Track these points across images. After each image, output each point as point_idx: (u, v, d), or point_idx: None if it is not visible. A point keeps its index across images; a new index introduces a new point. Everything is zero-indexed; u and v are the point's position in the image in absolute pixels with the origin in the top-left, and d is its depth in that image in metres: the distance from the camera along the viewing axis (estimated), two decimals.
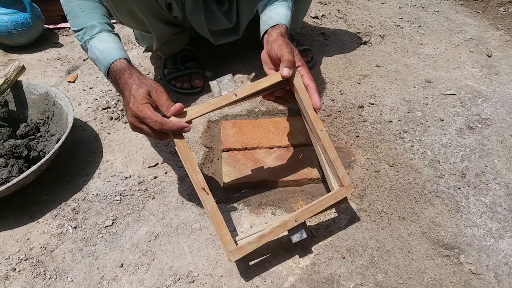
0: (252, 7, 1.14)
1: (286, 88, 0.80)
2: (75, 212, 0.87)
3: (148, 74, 1.32)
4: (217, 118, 1.12)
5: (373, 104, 1.19)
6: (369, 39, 1.51)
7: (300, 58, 0.78)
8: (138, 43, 1.37)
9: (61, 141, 0.87)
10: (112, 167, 0.98)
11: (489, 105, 1.20)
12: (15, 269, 0.76)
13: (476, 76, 1.34)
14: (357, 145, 1.04)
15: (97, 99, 1.19)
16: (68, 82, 1.27)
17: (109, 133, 1.07)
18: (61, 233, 0.83)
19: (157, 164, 0.98)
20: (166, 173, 0.96)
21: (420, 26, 1.65)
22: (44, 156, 0.91)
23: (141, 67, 1.36)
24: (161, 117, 0.68)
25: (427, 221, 0.86)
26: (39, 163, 0.82)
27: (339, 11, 1.74)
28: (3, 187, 0.78)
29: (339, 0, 1.84)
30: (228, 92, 0.74)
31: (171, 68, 1.24)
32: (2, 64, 1.36)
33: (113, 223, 0.85)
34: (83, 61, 1.38)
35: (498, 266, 0.78)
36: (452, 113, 1.16)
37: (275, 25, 0.84)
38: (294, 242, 0.76)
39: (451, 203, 0.90)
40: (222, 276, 0.75)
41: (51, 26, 1.56)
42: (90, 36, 0.82)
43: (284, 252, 0.79)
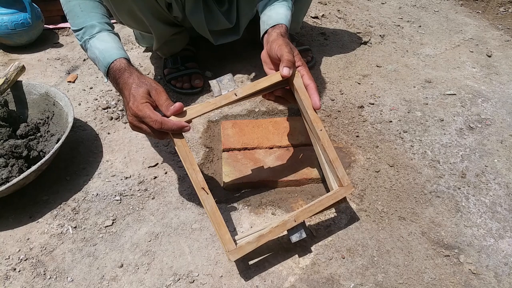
0: (252, 7, 1.14)
1: (286, 87, 0.80)
2: (75, 212, 0.87)
3: (148, 74, 1.32)
4: (217, 118, 1.12)
5: (373, 104, 1.19)
6: (369, 39, 1.51)
7: (300, 58, 0.78)
8: (138, 43, 1.37)
9: (61, 141, 0.87)
10: (112, 167, 0.98)
11: (489, 105, 1.20)
12: (15, 269, 0.76)
13: (476, 76, 1.34)
14: (357, 145, 1.04)
15: (97, 99, 1.19)
16: (68, 82, 1.27)
17: (109, 133, 1.07)
18: (61, 233, 0.83)
19: (157, 164, 0.98)
20: (166, 173, 0.96)
21: (420, 26, 1.65)
22: (44, 156, 0.91)
23: (141, 67, 1.36)
24: (160, 117, 0.68)
25: (427, 221, 0.86)
26: (39, 163, 0.82)
27: (339, 11, 1.74)
28: (3, 187, 0.78)
29: (339, 0, 1.84)
30: (228, 92, 0.74)
31: (171, 68, 1.24)
32: (2, 64, 1.36)
33: (113, 223, 0.85)
34: (83, 61, 1.38)
35: (498, 266, 0.78)
36: (452, 113, 1.16)
37: (275, 25, 0.84)
38: (294, 242, 0.76)
39: (451, 203, 0.90)
40: (222, 276, 0.75)
41: (51, 26, 1.56)
42: (90, 35, 0.82)
43: (284, 252, 0.79)
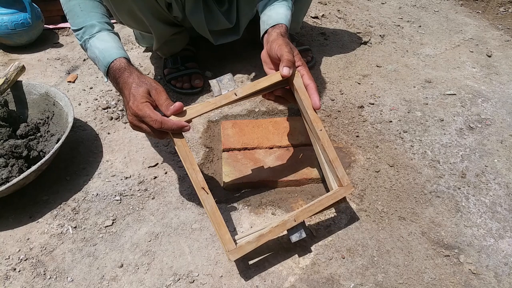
0: (252, 7, 1.14)
1: (286, 87, 0.80)
2: (75, 212, 0.87)
3: (148, 74, 1.32)
4: (217, 118, 1.12)
5: (373, 104, 1.19)
6: (369, 39, 1.51)
7: (300, 57, 0.78)
8: (138, 43, 1.37)
9: (61, 141, 0.87)
10: (112, 167, 0.98)
11: (489, 105, 1.20)
12: (15, 269, 0.76)
13: (476, 76, 1.34)
14: (357, 145, 1.04)
15: (97, 99, 1.19)
16: (68, 82, 1.27)
17: (109, 133, 1.07)
18: (61, 233, 0.83)
19: (157, 164, 0.98)
20: (166, 173, 0.96)
21: (420, 26, 1.65)
22: (44, 156, 0.91)
23: (141, 67, 1.36)
24: (160, 116, 0.68)
25: (427, 221, 0.86)
26: (39, 163, 0.82)
27: (339, 11, 1.74)
28: (3, 187, 0.78)
29: (339, 0, 1.84)
30: (228, 92, 0.74)
31: (171, 68, 1.24)
32: (2, 64, 1.36)
33: (113, 223, 0.85)
34: (83, 61, 1.38)
35: (498, 266, 0.78)
36: (452, 113, 1.16)
37: (275, 25, 0.84)
38: (293, 242, 0.76)
39: (451, 203, 0.90)
40: (222, 276, 0.75)
41: (51, 26, 1.56)
42: (89, 35, 0.82)
43: (284, 252, 0.79)
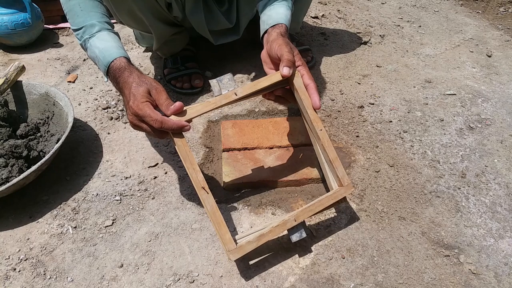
0: (252, 7, 1.14)
1: (286, 87, 0.80)
2: (75, 212, 0.87)
3: (148, 74, 1.32)
4: (217, 118, 1.12)
5: (373, 104, 1.19)
6: (369, 39, 1.51)
7: (300, 57, 0.78)
8: (138, 43, 1.37)
9: (61, 141, 0.87)
10: (112, 167, 0.98)
11: (489, 105, 1.20)
12: (15, 269, 0.76)
13: (476, 76, 1.34)
14: (357, 145, 1.04)
15: (97, 99, 1.19)
16: (68, 82, 1.27)
17: (109, 133, 1.07)
18: (61, 233, 0.83)
19: (157, 164, 0.98)
20: (166, 173, 0.96)
21: (420, 26, 1.65)
22: (44, 156, 0.91)
23: (141, 67, 1.36)
24: (161, 116, 0.68)
25: (427, 221, 0.86)
26: (39, 163, 0.82)
27: (339, 11, 1.74)
28: (3, 187, 0.78)
29: (339, 0, 1.84)
30: (228, 91, 0.74)
31: (171, 68, 1.24)
32: (2, 64, 1.36)
33: (113, 223, 0.85)
34: (83, 61, 1.38)
35: (498, 266, 0.78)
36: (452, 113, 1.16)
37: (275, 24, 0.84)
38: (294, 242, 0.76)
39: (451, 203, 0.90)
40: (222, 276, 0.75)
41: (51, 26, 1.56)
42: (89, 35, 0.82)
43: (284, 252, 0.79)
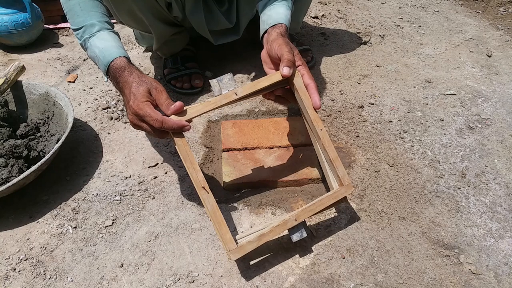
0: (252, 7, 1.14)
1: (286, 87, 0.80)
2: (75, 212, 0.87)
3: (148, 74, 1.32)
4: (217, 118, 1.12)
5: (373, 104, 1.19)
6: (369, 39, 1.51)
7: (300, 57, 0.78)
8: (138, 43, 1.37)
9: (61, 141, 0.87)
10: (112, 167, 0.98)
11: (489, 105, 1.20)
12: (15, 269, 0.76)
13: (476, 76, 1.34)
14: (357, 145, 1.04)
15: (97, 99, 1.19)
16: (68, 82, 1.27)
17: (109, 133, 1.07)
18: (61, 233, 0.83)
19: (157, 164, 0.98)
20: (166, 173, 0.96)
21: (420, 26, 1.65)
22: (44, 156, 0.91)
23: (141, 67, 1.36)
24: (161, 116, 0.68)
25: (427, 221, 0.86)
26: (39, 163, 0.82)
27: (339, 11, 1.74)
28: (3, 187, 0.78)
29: (339, 0, 1.84)
30: (228, 91, 0.74)
31: (171, 68, 1.24)
32: (2, 64, 1.36)
33: (113, 223, 0.85)
34: (83, 61, 1.38)
35: (498, 266, 0.78)
36: (452, 113, 1.16)
37: (275, 24, 0.84)
38: (294, 241, 0.75)
39: (451, 203, 0.90)
40: (222, 276, 0.75)
41: (51, 26, 1.56)
42: (89, 34, 0.82)
43: (284, 252, 0.79)
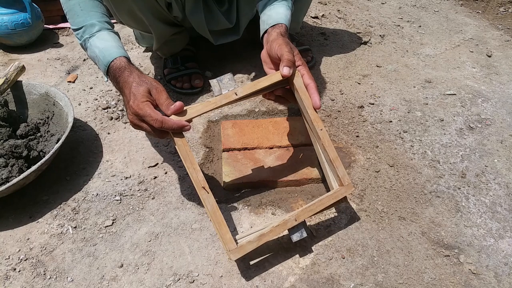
0: (252, 7, 1.14)
1: (286, 87, 0.80)
2: (75, 212, 0.87)
3: (148, 74, 1.32)
4: (217, 118, 1.12)
5: (373, 104, 1.19)
6: (369, 39, 1.51)
7: (300, 57, 0.78)
8: (138, 43, 1.37)
9: (61, 141, 0.87)
10: (112, 167, 0.98)
11: (489, 105, 1.20)
12: (15, 269, 0.76)
13: (476, 76, 1.34)
14: (357, 145, 1.04)
15: (97, 99, 1.19)
16: (68, 82, 1.27)
17: (109, 133, 1.07)
18: (61, 233, 0.83)
19: (157, 164, 0.98)
20: (166, 173, 0.96)
21: (420, 26, 1.65)
22: (44, 156, 0.91)
23: (141, 67, 1.36)
24: (161, 116, 0.68)
25: (427, 221, 0.86)
26: (39, 163, 0.82)
27: (339, 11, 1.74)
28: (3, 187, 0.78)
29: (339, 0, 1.84)
30: (228, 91, 0.74)
31: (171, 68, 1.24)
32: (2, 64, 1.36)
33: (113, 223, 0.85)
34: (83, 61, 1.38)
35: (498, 266, 0.78)
36: (452, 113, 1.16)
37: (275, 24, 0.84)
38: (294, 241, 0.75)
39: (451, 203, 0.90)
40: (222, 276, 0.75)
41: (51, 26, 1.56)
42: (89, 34, 0.82)
43: (284, 252, 0.79)
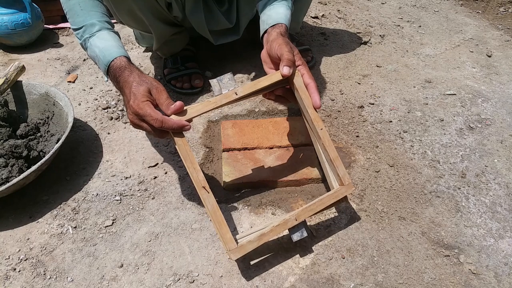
0: (252, 7, 1.14)
1: (286, 87, 0.80)
2: (75, 212, 0.87)
3: (148, 74, 1.31)
4: (217, 118, 1.12)
5: (373, 104, 1.19)
6: (369, 39, 1.51)
7: (300, 57, 0.78)
8: (138, 43, 1.37)
9: (61, 141, 0.87)
10: (112, 167, 0.98)
11: (489, 105, 1.20)
12: (15, 269, 0.76)
13: (476, 76, 1.34)
14: (357, 145, 1.04)
15: (97, 99, 1.19)
16: (68, 82, 1.27)
17: (109, 133, 1.07)
18: (61, 233, 0.83)
19: (157, 164, 0.98)
20: (166, 173, 0.96)
21: (420, 26, 1.65)
22: (44, 156, 0.91)
23: (141, 67, 1.36)
24: (161, 115, 0.68)
25: (427, 221, 0.86)
26: (39, 163, 0.82)
27: (339, 11, 1.74)
28: (3, 187, 0.78)
29: (339, 0, 1.84)
30: (228, 91, 0.74)
31: (171, 68, 1.24)
32: (2, 64, 1.36)
33: (113, 223, 0.85)
34: (83, 61, 1.38)
35: (498, 266, 0.78)
36: (452, 113, 1.16)
37: (275, 24, 0.84)
38: (295, 241, 0.75)
39: (451, 203, 0.90)
40: (222, 276, 0.75)
41: (51, 26, 1.56)
42: (89, 34, 0.82)
43: (284, 252, 0.79)
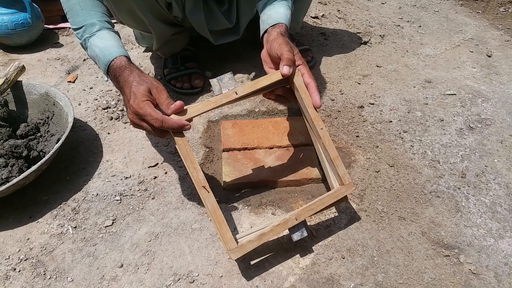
0: (252, 7, 1.14)
1: (287, 86, 0.80)
2: (75, 212, 0.87)
3: (148, 74, 1.31)
4: (217, 118, 1.12)
5: (373, 104, 1.19)
6: (369, 39, 1.51)
7: (300, 56, 0.78)
8: (138, 43, 1.37)
9: (61, 141, 0.87)
10: (112, 167, 0.98)
11: (489, 105, 1.20)
12: (15, 269, 0.76)
13: (476, 76, 1.34)
14: (357, 145, 1.04)
15: (97, 99, 1.19)
16: (68, 82, 1.27)
17: (109, 133, 1.07)
18: (61, 233, 0.83)
19: (157, 164, 0.98)
20: (166, 173, 0.96)
21: (420, 26, 1.65)
22: (44, 156, 0.91)
23: (141, 67, 1.36)
24: (161, 115, 0.68)
25: (427, 221, 0.86)
26: (39, 163, 0.82)
27: (339, 11, 1.74)
28: (3, 187, 0.78)
29: (339, 0, 1.84)
30: (228, 90, 0.74)
31: (171, 68, 1.24)
32: (2, 64, 1.36)
33: (113, 223, 0.85)
34: (83, 61, 1.38)
35: (498, 266, 0.78)
36: (452, 113, 1.16)
37: (275, 24, 0.84)
38: (295, 241, 0.75)
39: (451, 203, 0.90)
40: (222, 276, 0.75)
41: (51, 26, 1.56)
42: (90, 34, 0.82)
43: (284, 252, 0.79)
